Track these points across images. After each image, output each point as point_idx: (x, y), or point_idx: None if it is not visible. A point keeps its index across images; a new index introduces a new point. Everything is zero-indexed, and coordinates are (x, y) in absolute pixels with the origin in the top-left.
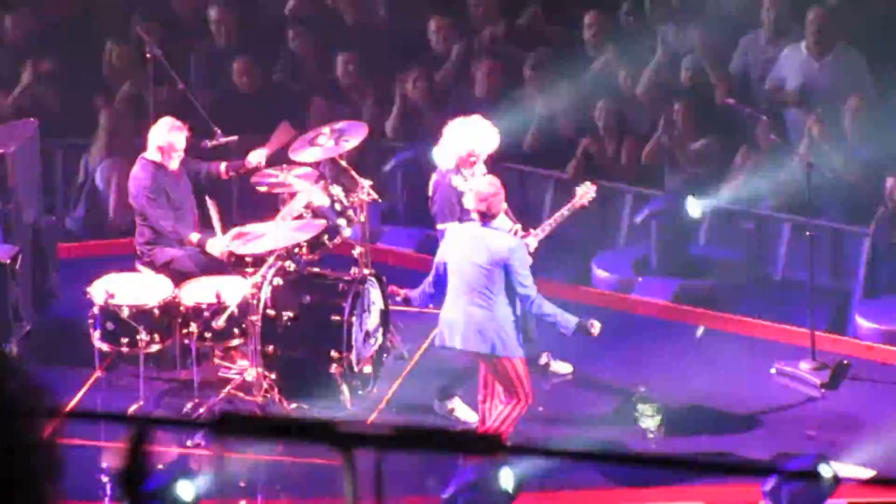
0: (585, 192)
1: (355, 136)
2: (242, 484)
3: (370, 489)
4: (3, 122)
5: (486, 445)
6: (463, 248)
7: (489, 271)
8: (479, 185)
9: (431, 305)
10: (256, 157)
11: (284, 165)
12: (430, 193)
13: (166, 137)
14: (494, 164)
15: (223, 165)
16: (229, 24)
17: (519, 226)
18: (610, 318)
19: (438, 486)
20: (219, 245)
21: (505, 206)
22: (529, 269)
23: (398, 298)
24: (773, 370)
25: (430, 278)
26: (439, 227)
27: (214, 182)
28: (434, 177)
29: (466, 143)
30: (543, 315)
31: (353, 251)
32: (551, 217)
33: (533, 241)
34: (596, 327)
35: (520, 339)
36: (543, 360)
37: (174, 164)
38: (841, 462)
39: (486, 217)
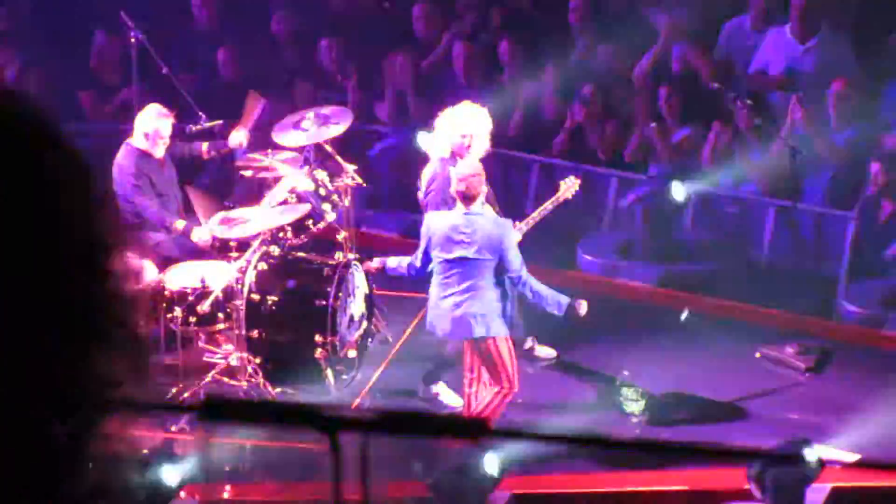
0: (569, 186)
1: (340, 121)
2: (228, 468)
3: (355, 473)
4: None
5: (471, 430)
6: (450, 238)
7: (479, 259)
8: (459, 167)
9: (412, 278)
10: (237, 137)
11: (269, 150)
12: (423, 183)
13: (153, 124)
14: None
15: (205, 146)
16: (211, 7)
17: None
18: (595, 302)
19: (423, 470)
20: (204, 234)
21: (486, 189)
22: (518, 250)
23: (372, 272)
24: (757, 354)
25: (415, 262)
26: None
27: (197, 163)
28: (430, 166)
29: (458, 126)
30: (536, 295)
31: (337, 236)
32: (535, 210)
33: (517, 234)
34: (583, 307)
35: (505, 319)
36: (528, 344)
37: (159, 151)
38: (825, 446)
39: (467, 199)
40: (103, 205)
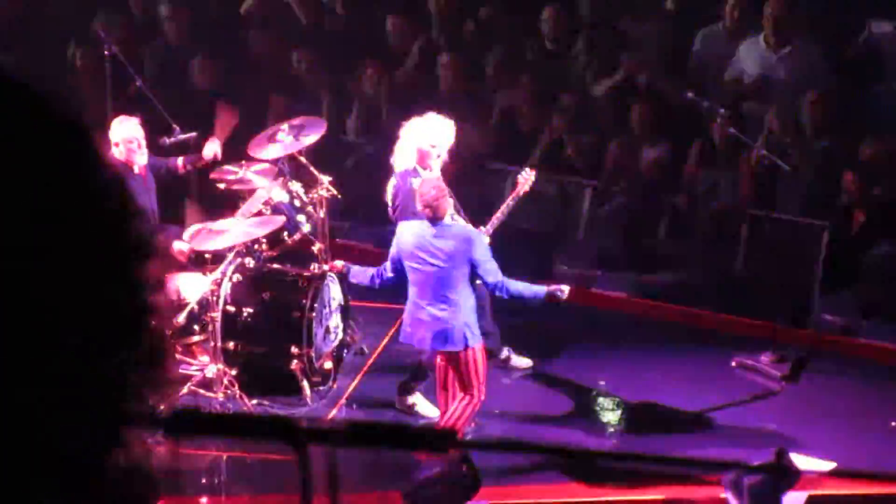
0: (526, 179)
1: (314, 132)
2: (202, 480)
3: (324, 485)
4: None
5: (441, 441)
6: (420, 250)
7: (450, 270)
8: (422, 188)
9: (377, 287)
10: (211, 148)
11: (243, 162)
12: (388, 199)
13: (117, 132)
14: (453, 159)
15: (180, 160)
16: (180, 21)
17: (469, 226)
18: (571, 312)
19: (399, 482)
20: (184, 246)
21: (452, 202)
22: (490, 255)
23: (336, 270)
24: (733, 363)
25: (385, 272)
26: None
27: (174, 178)
28: (393, 181)
29: (426, 137)
30: (514, 295)
31: (312, 247)
32: (497, 210)
33: (485, 238)
34: (565, 291)
35: (479, 327)
36: (504, 354)
37: (139, 159)
38: (801, 454)
39: (435, 219)
40: (135, 216)
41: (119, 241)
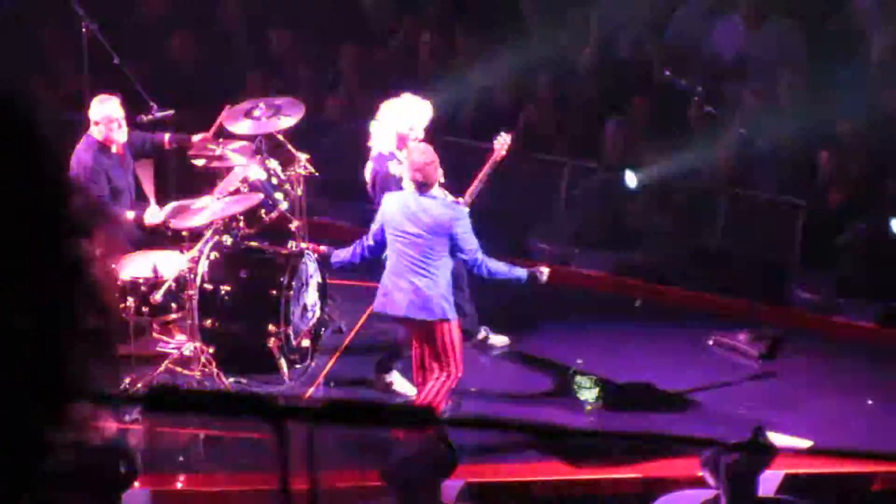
0: (503, 143)
1: (291, 115)
2: (180, 458)
3: (302, 462)
4: None
5: (419, 419)
6: (403, 218)
7: (431, 241)
8: (412, 155)
9: (359, 262)
10: (200, 138)
11: (221, 139)
12: (368, 181)
13: (97, 110)
14: (432, 136)
15: (167, 136)
16: None
17: (451, 198)
18: (548, 290)
19: (376, 460)
20: (156, 214)
21: (441, 173)
22: (472, 232)
23: (318, 252)
24: (710, 341)
25: (367, 241)
26: None
27: (158, 153)
28: (370, 165)
29: (405, 120)
30: (493, 274)
31: (290, 225)
32: (476, 178)
33: (465, 208)
34: (545, 273)
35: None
36: (482, 334)
37: (119, 136)
38: (778, 432)
39: (423, 186)
40: (72, 192)
41: (53, 220)
